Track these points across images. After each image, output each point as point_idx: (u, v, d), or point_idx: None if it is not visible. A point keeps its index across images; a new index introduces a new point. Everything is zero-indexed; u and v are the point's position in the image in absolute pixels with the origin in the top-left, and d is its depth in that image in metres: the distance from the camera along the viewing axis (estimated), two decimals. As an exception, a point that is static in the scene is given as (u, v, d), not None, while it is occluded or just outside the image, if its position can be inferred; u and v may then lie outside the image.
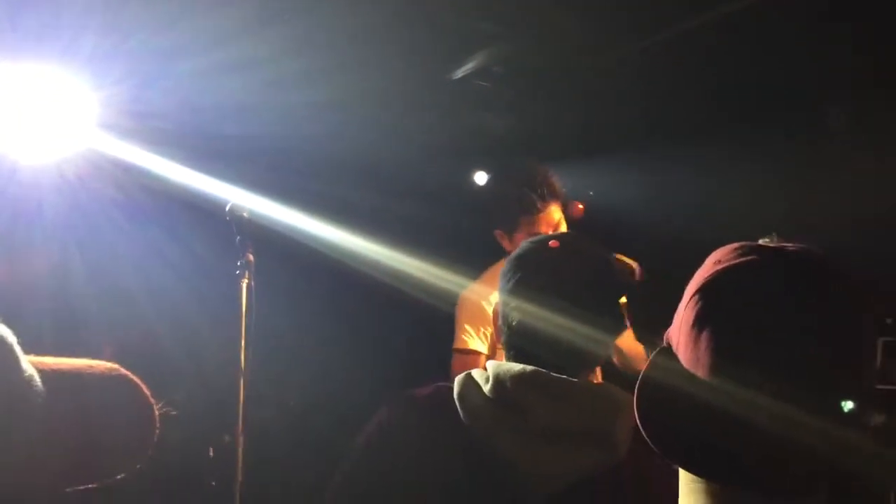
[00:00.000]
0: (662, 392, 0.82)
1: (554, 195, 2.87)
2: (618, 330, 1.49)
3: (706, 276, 0.83)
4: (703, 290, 0.82)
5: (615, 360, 2.67)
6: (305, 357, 5.11)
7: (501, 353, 1.51)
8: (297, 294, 4.50)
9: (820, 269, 0.82)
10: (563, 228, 2.89)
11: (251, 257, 2.20)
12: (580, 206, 3.16)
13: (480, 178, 5.36)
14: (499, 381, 1.37)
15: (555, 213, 2.88)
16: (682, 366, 0.82)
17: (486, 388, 1.38)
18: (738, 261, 0.82)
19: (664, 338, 0.88)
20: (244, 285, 2.18)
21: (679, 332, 0.84)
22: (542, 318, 1.39)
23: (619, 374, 2.54)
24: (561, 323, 1.38)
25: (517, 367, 1.39)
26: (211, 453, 2.17)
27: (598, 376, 1.64)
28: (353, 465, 1.43)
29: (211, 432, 4.16)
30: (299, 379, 4.95)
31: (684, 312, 0.84)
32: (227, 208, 2.25)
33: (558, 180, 2.92)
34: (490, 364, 1.42)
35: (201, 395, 4.21)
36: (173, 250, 5.04)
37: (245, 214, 2.26)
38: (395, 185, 4.95)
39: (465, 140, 5.05)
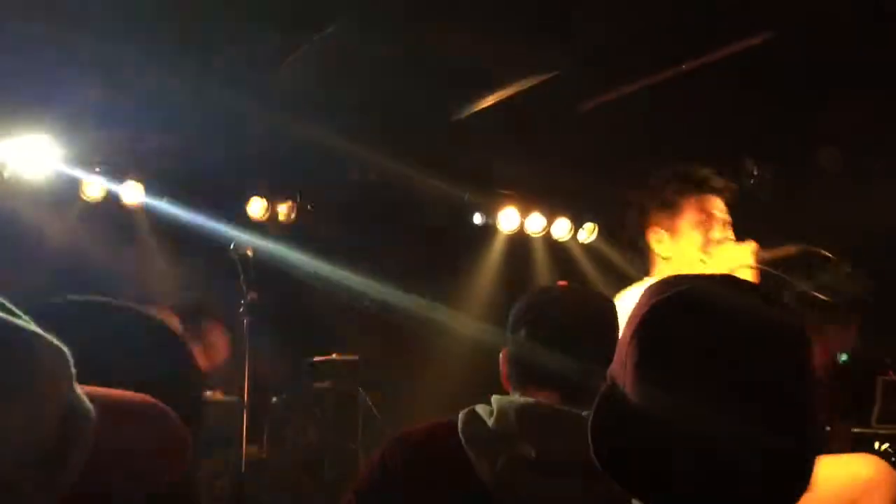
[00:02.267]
0: (615, 431, 0.87)
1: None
2: None
3: (643, 312, 0.87)
4: (641, 328, 0.86)
5: None
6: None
7: None
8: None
9: (748, 294, 0.87)
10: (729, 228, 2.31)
11: (255, 295, 2.20)
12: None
13: (478, 218, 5.41)
14: (503, 414, 1.38)
15: (721, 206, 2.31)
16: (630, 403, 0.86)
17: (490, 422, 1.39)
18: (669, 293, 0.87)
19: (608, 375, 0.92)
20: (246, 323, 2.18)
21: (624, 370, 0.88)
22: (551, 355, 1.42)
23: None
24: (568, 360, 1.41)
25: (521, 399, 1.40)
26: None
27: None
28: None
29: (213, 466, 4.13)
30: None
31: (627, 349, 0.88)
32: (230, 247, 2.26)
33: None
34: (495, 398, 1.44)
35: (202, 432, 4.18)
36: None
37: (248, 252, 2.26)
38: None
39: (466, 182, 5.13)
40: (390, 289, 5.01)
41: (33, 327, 0.58)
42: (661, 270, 2.31)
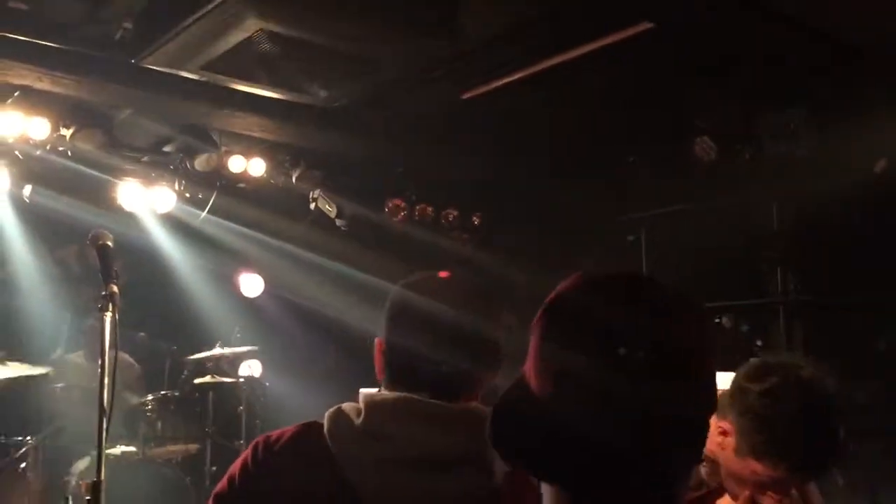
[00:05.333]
0: (513, 418, 0.88)
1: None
2: (494, 359, 1.46)
3: (543, 308, 0.89)
4: (542, 319, 0.88)
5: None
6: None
7: None
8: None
9: (641, 288, 0.89)
10: None
11: (115, 288, 2.04)
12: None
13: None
14: (371, 411, 1.33)
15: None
16: (532, 393, 0.86)
17: (358, 421, 1.34)
18: (567, 289, 0.88)
19: (522, 371, 0.91)
20: (107, 318, 2.03)
21: (531, 363, 0.88)
22: (420, 348, 1.37)
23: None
24: (437, 352, 1.36)
25: (390, 395, 1.36)
26: (70, 502, 2.00)
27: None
28: None
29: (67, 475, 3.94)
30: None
31: (532, 343, 0.88)
32: (89, 236, 2.11)
33: None
34: (363, 395, 1.38)
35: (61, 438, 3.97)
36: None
37: (109, 242, 2.11)
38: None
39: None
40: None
41: None
42: None
